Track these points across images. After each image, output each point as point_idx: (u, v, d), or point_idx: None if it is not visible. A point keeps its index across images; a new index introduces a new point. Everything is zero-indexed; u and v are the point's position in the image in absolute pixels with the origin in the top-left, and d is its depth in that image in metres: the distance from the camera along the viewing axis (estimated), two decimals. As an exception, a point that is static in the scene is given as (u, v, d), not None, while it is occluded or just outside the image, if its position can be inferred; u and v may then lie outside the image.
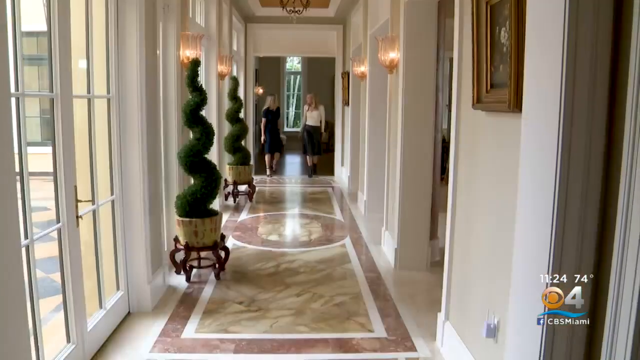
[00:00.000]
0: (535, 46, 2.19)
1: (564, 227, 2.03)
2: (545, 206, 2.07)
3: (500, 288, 2.84)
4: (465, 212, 3.64)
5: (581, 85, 1.95)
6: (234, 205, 9.39)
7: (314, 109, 12.64)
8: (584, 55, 1.94)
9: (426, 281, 5.42)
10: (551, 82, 2.02)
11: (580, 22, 1.92)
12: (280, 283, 5.32)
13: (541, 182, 2.12)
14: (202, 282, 5.31)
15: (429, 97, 5.57)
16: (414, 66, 5.54)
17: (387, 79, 6.53)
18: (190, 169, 5.27)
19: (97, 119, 3.97)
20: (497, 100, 2.85)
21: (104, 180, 4.17)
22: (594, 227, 2.02)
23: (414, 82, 5.54)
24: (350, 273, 5.68)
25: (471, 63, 3.21)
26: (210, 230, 5.25)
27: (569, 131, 1.98)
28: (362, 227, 7.83)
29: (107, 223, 4.27)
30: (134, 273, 4.48)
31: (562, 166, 2.01)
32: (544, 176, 2.09)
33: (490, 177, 3.15)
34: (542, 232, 2.10)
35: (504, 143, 2.92)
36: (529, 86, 2.28)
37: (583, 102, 1.96)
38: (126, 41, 4.22)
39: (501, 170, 2.95)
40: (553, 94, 2.01)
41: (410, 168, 5.66)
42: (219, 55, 8.38)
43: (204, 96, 5.29)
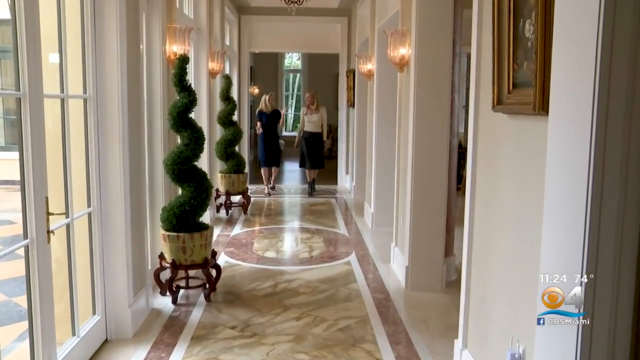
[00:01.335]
0: (565, 40, 2.16)
1: (597, 244, 1.99)
2: (576, 222, 2.03)
3: (526, 312, 2.80)
4: (484, 226, 3.61)
5: (617, 83, 1.91)
6: (226, 218, 9.38)
7: (314, 111, 11.39)
8: (622, 50, 1.89)
9: (441, 303, 5.39)
10: (583, 81, 1.98)
11: (618, 12, 1.88)
12: (278, 305, 5.30)
13: (571, 194, 2.08)
14: (190, 305, 5.28)
15: (443, 98, 5.57)
16: (427, 63, 5.54)
17: (397, 78, 6.53)
18: (178, 178, 5.26)
19: (72, 122, 3.94)
20: (521, 101, 2.83)
21: (79, 190, 4.14)
22: (633, 246, 1.98)
23: (427, 82, 5.54)
24: (355, 294, 5.66)
25: (491, 60, 3.19)
26: (199, 246, 5.23)
27: (603, 136, 1.94)
28: (368, 242, 7.82)
29: (83, 238, 4.23)
30: (113, 295, 4.45)
31: (595, 176, 1.96)
32: (575, 188, 2.05)
33: (513, 187, 3.13)
34: (572, 248, 2.06)
35: (528, 149, 2.89)
36: (556, 85, 2.24)
37: (620, 103, 1.92)
38: (105, 34, 4.21)
39: (525, 180, 2.92)
40: (584, 94, 1.97)
41: (422, 177, 5.66)
42: (209, 50, 8.40)
43: (193, 97, 5.28)
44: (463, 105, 7.90)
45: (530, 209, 2.81)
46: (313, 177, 11.94)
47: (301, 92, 20.81)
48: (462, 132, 7.01)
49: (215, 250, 5.72)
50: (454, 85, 5.60)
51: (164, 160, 5.34)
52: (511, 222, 3.15)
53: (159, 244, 5.49)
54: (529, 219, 2.82)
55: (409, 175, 5.74)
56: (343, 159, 13.04)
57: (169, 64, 5.77)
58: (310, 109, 11.47)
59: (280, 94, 20.77)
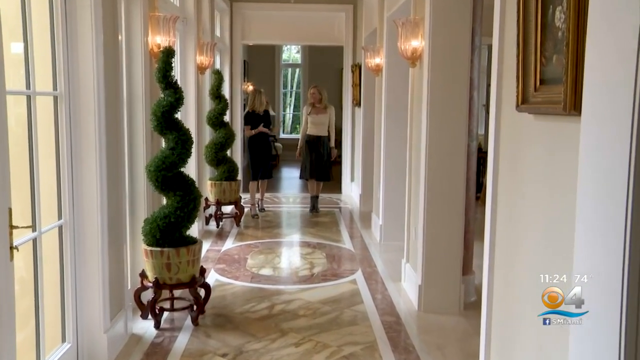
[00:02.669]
0: (601, 29, 2.13)
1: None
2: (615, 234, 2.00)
3: (557, 337, 2.76)
4: (508, 240, 3.59)
5: (662, 79, 1.88)
6: (216, 230, 9.40)
7: (321, 111, 10.52)
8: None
9: (459, 328, 5.38)
10: (621, 76, 1.95)
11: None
12: (275, 329, 5.29)
13: (608, 205, 2.05)
14: (175, 329, 5.27)
15: (461, 96, 5.57)
16: (443, 57, 5.54)
17: (409, 74, 6.53)
18: (162, 186, 5.25)
19: (41, 122, 3.92)
20: (549, 99, 2.81)
21: (49, 200, 4.12)
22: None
23: (443, 77, 5.55)
24: (362, 317, 5.66)
25: (516, 52, 3.16)
26: (186, 263, 5.21)
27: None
28: (376, 258, 7.82)
29: (53, 255, 4.21)
30: (86, 319, 4.42)
31: (636, 183, 1.94)
32: (612, 197, 2.02)
33: (540, 196, 3.10)
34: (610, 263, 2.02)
35: (557, 154, 2.87)
36: (591, 81, 2.21)
37: (664, 102, 1.89)
38: (77, 23, 4.20)
39: (554, 188, 2.90)
40: (624, 91, 1.95)
41: (437, 185, 5.65)
42: (198, 42, 8.42)
43: (180, 94, 5.28)
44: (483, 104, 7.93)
45: (560, 220, 2.79)
46: (317, 193, 10.93)
47: (300, 90, 20.85)
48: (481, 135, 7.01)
49: (204, 267, 5.69)
50: (472, 82, 5.61)
51: (147, 166, 5.34)
52: (539, 235, 3.12)
53: (140, 261, 5.48)
54: (560, 231, 2.79)
55: (422, 183, 5.73)
56: (348, 164, 13.05)
57: (151, 58, 5.77)
58: (316, 107, 10.56)
59: (277, 92, 20.78)
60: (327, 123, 10.56)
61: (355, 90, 11.96)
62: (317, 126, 10.54)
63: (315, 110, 10.53)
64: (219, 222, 9.58)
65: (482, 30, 5.61)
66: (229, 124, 10.01)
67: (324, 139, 10.58)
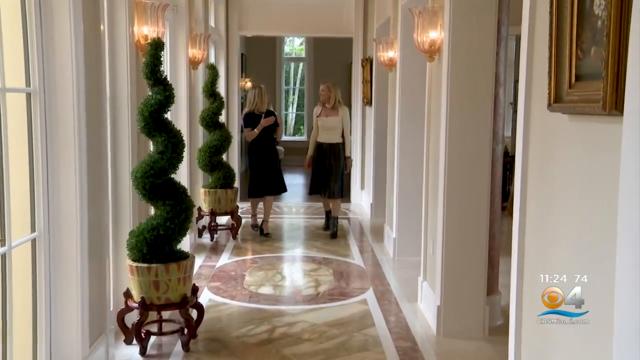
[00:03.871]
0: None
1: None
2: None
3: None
4: (538, 256, 3.56)
5: None
6: (210, 244, 9.42)
7: (330, 112, 9.76)
8: None
9: (483, 354, 5.38)
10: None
11: None
12: (276, 355, 5.30)
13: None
14: (163, 356, 5.27)
15: (485, 94, 5.57)
16: (465, 50, 5.54)
17: (427, 69, 6.54)
18: (150, 194, 5.25)
19: (11, 122, 3.92)
20: (586, 98, 2.79)
21: (20, 210, 4.12)
22: None
23: (465, 73, 5.55)
24: (373, 341, 5.66)
25: (548, 44, 3.15)
26: (176, 281, 5.20)
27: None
28: (390, 275, 7.82)
29: (24, 272, 4.20)
30: (61, 344, 4.39)
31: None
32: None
33: (576, 205, 3.09)
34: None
35: (595, 159, 2.86)
36: (634, 77, 2.20)
37: None
38: (53, 10, 4.19)
39: (591, 197, 2.89)
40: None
41: (458, 193, 5.65)
42: (190, 34, 8.47)
43: (170, 92, 5.29)
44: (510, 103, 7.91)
45: (599, 233, 2.77)
46: (333, 212, 10.05)
47: (305, 87, 20.89)
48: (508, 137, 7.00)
49: (197, 285, 5.71)
50: (498, 78, 5.61)
51: (133, 171, 5.33)
52: (573, 250, 3.10)
53: (125, 279, 5.47)
54: (598, 245, 2.77)
55: (441, 192, 5.73)
56: (358, 170, 13.06)
57: (138, 51, 5.79)
58: (326, 108, 9.81)
59: (278, 89, 20.82)
60: (339, 127, 9.78)
61: (366, 87, 11.99)
62: (327, 132, 9.78)
63: (325, 111, 9.82)
64: (214, 234, 9.57)
65: (510, 19, 5.63)
66: (225, 125, 10.01)
67: (338, 147, 9.81)
